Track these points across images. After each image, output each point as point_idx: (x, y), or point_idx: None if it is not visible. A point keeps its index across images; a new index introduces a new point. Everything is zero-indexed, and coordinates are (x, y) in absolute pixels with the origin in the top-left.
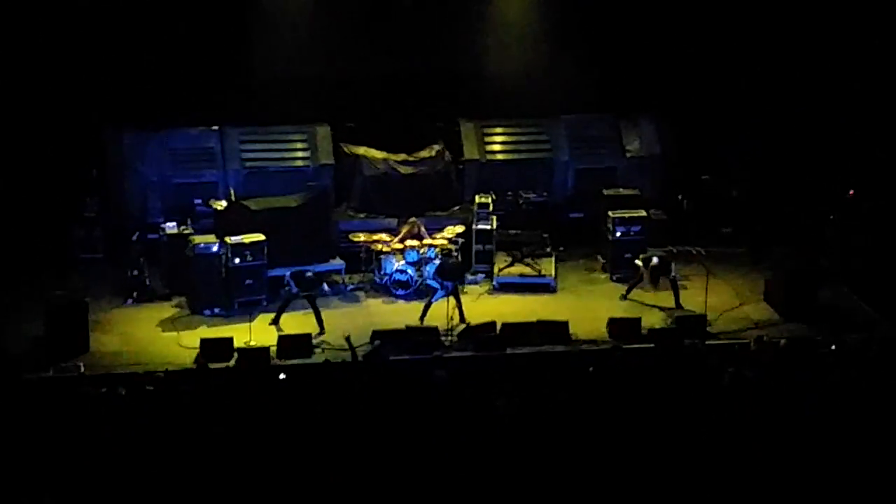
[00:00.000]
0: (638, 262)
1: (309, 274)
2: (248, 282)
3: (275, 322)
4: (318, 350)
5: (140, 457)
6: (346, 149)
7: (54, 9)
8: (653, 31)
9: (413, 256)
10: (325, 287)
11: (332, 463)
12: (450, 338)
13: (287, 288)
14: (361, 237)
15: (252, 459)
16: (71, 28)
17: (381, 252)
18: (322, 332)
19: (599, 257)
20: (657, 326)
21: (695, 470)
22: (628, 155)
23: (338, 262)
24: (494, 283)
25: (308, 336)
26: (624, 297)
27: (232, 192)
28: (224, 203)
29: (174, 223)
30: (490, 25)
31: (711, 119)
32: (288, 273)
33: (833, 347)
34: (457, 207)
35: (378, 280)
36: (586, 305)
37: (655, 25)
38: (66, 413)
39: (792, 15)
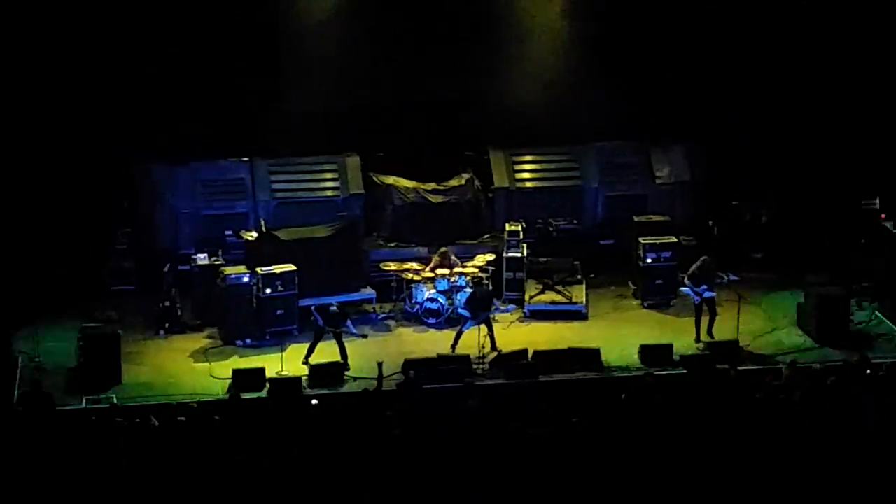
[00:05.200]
0: (684, 288)
1: (333, 308)
2: (278, 312)
3: (306, 358)
4: (348, 380)
5: (172, 487)
6: (375, 178)
7: (88, 42)
8: (682, 59)
9: (444, 285)
10: (350, 324)
11: (365, 492)
12: (481, 366)
13: (313, 319)
14: (392, 266)
15: (284, 489)
16: (104, 61)
17: (411, 281)
18: (346, 367)
19: (630, 284)
20: (689, 353)
21: (728, 496)
22: (658, 181)
23: (369, 292)
24: (525, 310)
25: (338, 364)
26: (698, 340)
27: (262, 222)
28: (254, 234)
29: (205, 254)
30: (519, 53)
31: (741, 145)
32: (313, 307)
33: (868, 372)
34: (487, 236)
35: (409, 309)
36: (618, 332)
37: (685, 53)
38: (98, 444)
39: (823, 44)
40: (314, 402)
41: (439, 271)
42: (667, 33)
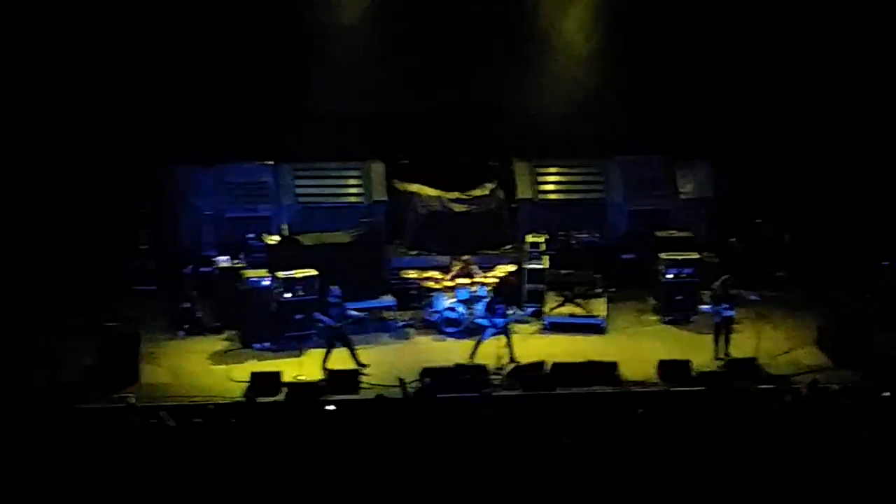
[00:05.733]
0: (704, 306)
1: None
2: (298, 317)
3: (324, 364)
4: (365, 386)
5: (186, 488)
6: (399, 186)
7: (116, 43)
8: (710, 75)
9: (464, 294)
10: (352, 312)
11: (379, 499)
12: (499, 377)
13: (321, 324)
14: (413, 274)
15: (298, 493)
16: (131, 62)
17: (432, 289)
18: (361, 366)
19: (651, 299)
20: (707, 369)
21: None
22: (682, 197)
23: (389, 299)
24: (545, 322)
25: (356, 372)
26: (718, 357)
27: (285, 227)
28: (277, 238)
29: (227, 257)
30: (547, 65)
31: (765, 163)
32: (315, 314)
33: (887, 394)
34: (509, 246)
35: (428, 317)
36: (636, 347)
37: (713, 69)
38: (115, 443)
39: (851, 64)
40: (331, 407)
41: (459, 280)
42: (695, 49)
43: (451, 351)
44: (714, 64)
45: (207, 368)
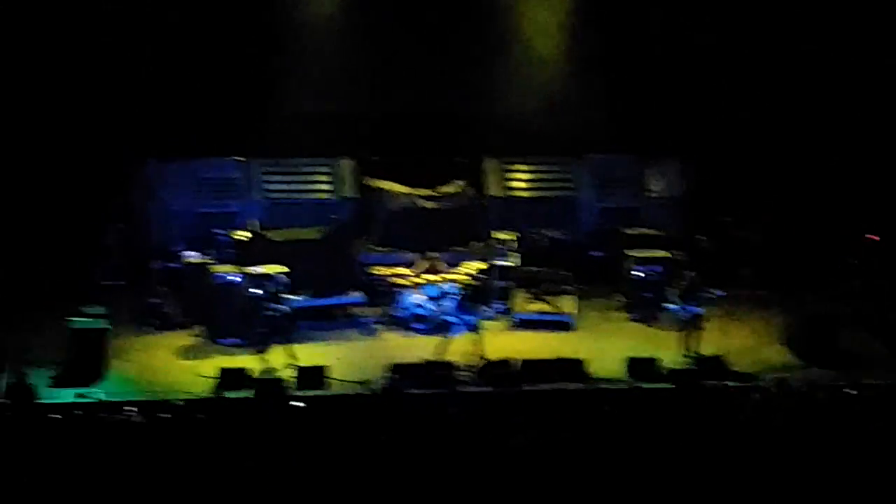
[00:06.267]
0: (670, 304)
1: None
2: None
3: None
4: (334, 382)
5: (155, 485)
6: (369, 182)
7: (81, 38)
8: (680, 74)
9: (433, 291)
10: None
11: (348, 496)
12: (467, 373)
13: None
14: (382, 271)
15: (268, 490)
16: (97, 57)
17: (401, 286)
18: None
19: (619, 296)
20: (675, 367)
21: None
22: (651, 195)
23: (358, 295)
24: (514, 319)
25: (323, 368)
26: (685, 355)
27: (254, 223)
28: (246, 234)
29: (195, 252)
30: (517, 62)
31: (735, 162)
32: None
33: (854, 393)
34: (478, 244)
35: (397, 314)
36: (605, 344)
37: (683, 68)
38: (82, 439)
39: (819, 63)
40: (300, 403)
41: (428, 277)
42: (665, 47)
43: (419, 347)
44: (685, 62)
45: (175, 364)
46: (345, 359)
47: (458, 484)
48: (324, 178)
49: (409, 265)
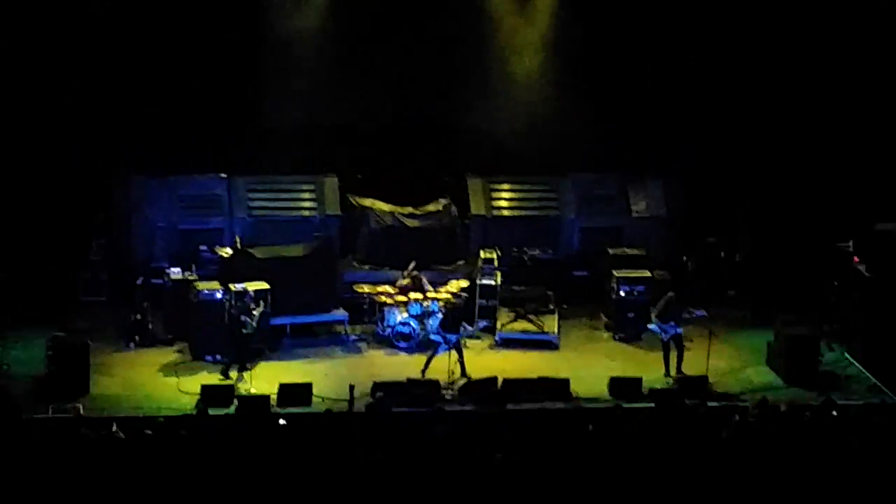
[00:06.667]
0: (651, 325)
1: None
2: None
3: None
4: (318, 399)
5: (137, 500)
6: (353, 200)
7: (68, 53)
8: (663, 94)
9: (416, 309)
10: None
11: None
12: (450, 392)
13: (245, 330)
14: (366, 289)
15: None
16: (83, 74)
17: (384, 304)
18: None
19: (603, 316)
20: (658, 386)
21: None
22: (634, 215)
23: (341, 313)
24: (497, 338)
25: (309, 385)
26: (668, 375)
27: (238, 239)
28: (229, 250)
29: (179, 269)
30: (501, 82)
31: (718, 182)
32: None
33: (834, 413)
34: (461, 262)
35: (381, 332)
36: (588, 363)
37: (666, 88)
38: (64, 454)
39: (799, 85)
40: (282, 421)
41: (412, 295)
42: (649, 68)
43: (403, 365)
44: (668, 83)
45: (158, 380)
46: (330, 376)
47: (441, 501)
48: (308, 195)
49: (392, 283)
